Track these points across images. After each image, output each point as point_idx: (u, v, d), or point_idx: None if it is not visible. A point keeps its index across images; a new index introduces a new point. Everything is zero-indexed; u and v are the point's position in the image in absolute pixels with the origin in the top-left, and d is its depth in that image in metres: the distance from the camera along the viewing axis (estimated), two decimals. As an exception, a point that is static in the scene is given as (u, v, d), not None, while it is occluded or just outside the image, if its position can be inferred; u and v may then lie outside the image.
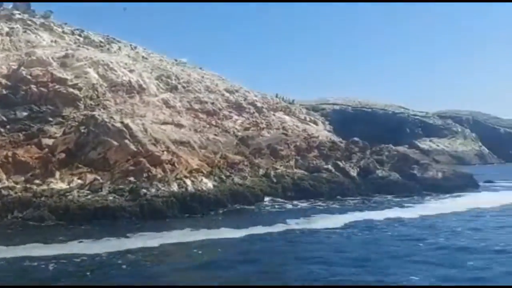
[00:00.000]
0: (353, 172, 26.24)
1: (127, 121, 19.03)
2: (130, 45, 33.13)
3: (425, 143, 77.47)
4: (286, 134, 27.26)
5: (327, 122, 39.92)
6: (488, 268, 10.35)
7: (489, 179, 34.30)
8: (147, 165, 18.04)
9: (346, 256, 11.64)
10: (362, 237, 14.08)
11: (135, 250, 12.04)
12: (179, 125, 23.69)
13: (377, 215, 17.51)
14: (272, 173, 23.51)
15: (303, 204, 21.36)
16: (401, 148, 30.28)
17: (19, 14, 30.33)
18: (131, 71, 24.97)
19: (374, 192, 25.83)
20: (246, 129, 28.53)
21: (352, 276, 9.88)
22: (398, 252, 11.94)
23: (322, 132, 33.78)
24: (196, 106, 26.10)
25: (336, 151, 27.41)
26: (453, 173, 29.79)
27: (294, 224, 15.93)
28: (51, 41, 26.53)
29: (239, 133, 27.43)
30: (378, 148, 29.77)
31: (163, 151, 19.16)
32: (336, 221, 16.43)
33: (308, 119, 36.76)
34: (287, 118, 33.80)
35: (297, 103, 55.54)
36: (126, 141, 18.05)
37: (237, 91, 30.92)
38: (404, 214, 17.80)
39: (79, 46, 27.92)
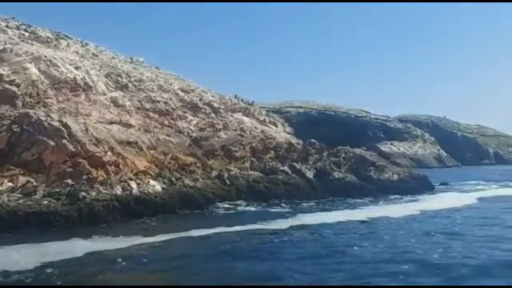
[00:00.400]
0: (310, 174, 25.79)
1: (66, 119, 17.78)
2: (81, 42, 31.60)
3: (386, 146, 78.77)
4: (242, 136, 26.52)
5: (286, 124, 39.45)
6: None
7: (445, 181, 34.79)
8: (87, 166, 16.87)
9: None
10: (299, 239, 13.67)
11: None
12: (128, 125, 22.53)
13: (313, 219, 17.02)
14: (226, 175, 22.72)
15: (256, 208, 20.64)
16: (358, 150, 30.11)
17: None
18: (77, 67, 23.57)
19: (330, 194, 25.43)
20: (202, 129, 27.61)
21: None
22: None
23: (281, 133, 33.24)
24: (147, 106, 24.98)
25: (293, 152, 26.92)
26: (409, 175, 29.86)
27: (236, 226, 15.19)
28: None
29: (194, 134, 26.49)
30: (335, 150, 29.51)
31: (106, 151, 18.01)
32: (282, 224, 15.87)
33: (267, 120, 36.19)
34: (245, 119, 33.07)
35: (260, 105, 55.02)
36: (64, 141, 16.81)
37: (192, 90, 29.96)
38: (350, 217, 17.41)
39: (22, 41, 26.29)
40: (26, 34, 28.31)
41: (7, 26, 28.50)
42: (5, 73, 19.85)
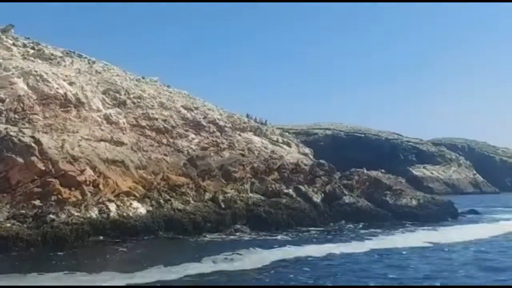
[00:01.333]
0: (317, 198, 23.64)
1: (40, 136, 16.60)
2: (88, 59, 31.02)
3: (418, 170, 74.89)
4: (243, 155, 24.76)
5: (301, 145, 37.43)
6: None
7: (475, 208, 31.58)
8: (57, 186, 15.51)
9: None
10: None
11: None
12: (119, 143, 21.22)
13: (319, 250, 14.76)
14: (221, 197, 20.91)
15: (250, 236, 18.58)
16: (374, 173, 27.70)
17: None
18: (71, 83, 22.70)
19: (339, 220, 23.19)
20: (204, 148, 26.03)
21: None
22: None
23: (293, 154, 31.26)
24: (144, 123, 23.70)
25: (299, 174, 24.88)
26: (431, 201, 27.12)
27: (213, 262, 12.93)
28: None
29: (195, 153, 25.01)
30: (348, 172, 27.26)
31: (82, 170, 16.63)
32: (269, 257, 13.70)
33: (280, 140, 34.39)
34: (255, 138, 31.37)
35: (287, 127, 52.82)
36: (33, 158, 15.56)
37: (196, 108, 28.57)
38: (353, 249, 15.12)
39: (24, 58, 25.81)
40: (31, 51, 27.88)
41: (13, 44, 28.20)
42: (-11, 88, 19.06)
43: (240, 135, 30.44)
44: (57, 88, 21.40)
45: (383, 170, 31.96)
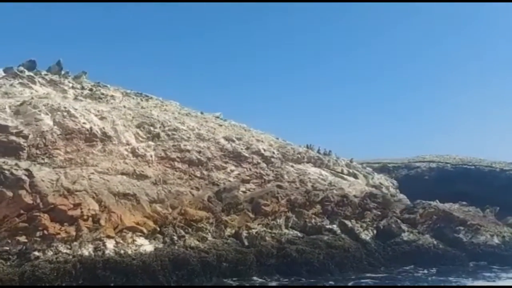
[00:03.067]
0: (366, 235, 19.94)
1: (35, 168, 15.89)
2: (144, 97, 31.18)
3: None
4: (280, 187, 22.08)
5: (377, 176, 33.45)
6: None
7: None
8: (44, 221, 14.39)
9: None
10: None
11: None
12: (142, 176, 20.00)
13: None
14: (244, 233, 18.38)
15: (273, 284, 15.69)
16: (445, 205, 23.05)
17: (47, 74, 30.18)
18: (102, 118, 22.44)
19: (395, 262, 19.19)
20: (245, 181, 23.94)
21: None
22: None
23: (358, 186, 27.69)
24: (174, 155, 22.39)
25: (346, 207, 21.41)
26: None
27: None
28: (42, 93, 25.37)
29: (223, 186, 23.01)
30: (412, 205, 23.01)
31: (76, 204, 15.45)
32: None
33: (346, 171, 31.02)
34: (312, 170, 28.58)
35: (386, 161, 48.18)
36: (22, 191, 14.74)
37: (239, 139, 26.73)
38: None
39: (75, 98, 26.49)
40: (84, 92, 28.67)
41: (72, 87, 29.30)
42: (13, 125, 19.22)
43: (293, 166, 27.90)
44: (84, 123, 21.13)
45: (464, 203, 26.86)
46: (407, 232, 20.25)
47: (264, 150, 27.08)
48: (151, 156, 21.82)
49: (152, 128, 24.08)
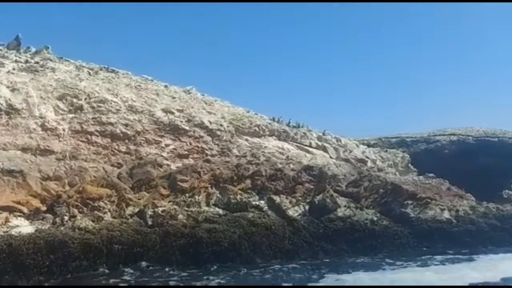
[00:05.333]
0: (296, 211, 17.59)
1: None
2: (107, 68, 28.94)
3: None
4: (208, 161, 19.84)
5: (343, 149, 30.83)
6: None
7: None
8: None
9: None
10: None
11: None
12: (47, 151, 18.07)
13: None
14: (149, 212, 16.25)
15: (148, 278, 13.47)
16: (399, 177, 20.48)
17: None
18: (13, 90, 20.52)
19: (325, 241, 16.84)
20: (182, 156, 21.91)
21: None
22: None
23: (321, 160, 25.23)
24: (92, 128, 20.35)
25: (279, 181, 19.04)
26: (484, 213, 18.93)
27: None
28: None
29: (167, 162, 20.95)
30: (358, 177, 20.50)
31: None
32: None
33: (314, 144, 28.62)
34: (273, 143, 26.33)
35: (404, 135, 45.18)
36: None
37: (181, 110, 24.47)
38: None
39: (8, 72, 24.59)
40: (23, 65, 26.66)
41: (15, 61, 27.34)
42: None
43: (247, 140, 25.63)
44: (-13, 95, 19.23)
45: (431, 174, 24.18)
46: (344, 207, 17.81)
47: (210, 123, 24.80)
48: (64, 130, 19.83)
49: (75, 100, 22.03)
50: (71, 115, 21.11)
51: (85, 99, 22.34)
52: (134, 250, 14.84)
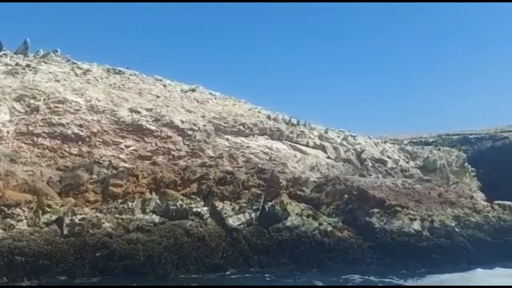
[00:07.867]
0: (237, 220, 15.38)
1: None
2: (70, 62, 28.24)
3: None
4: (155, 163, 18.08)
5: (342, 149, 28.06)
6: None
7: None
8: None
9: None
10: None
11: None
12: (-19, 155, 17.15)
13: None
14: (67, 220, 14.71)
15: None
16: (360, 182, 17.63)
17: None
18: (-35, 91, 19.91)
19: (267, 256, 14.51)
20: (144, 158, 20.37)
21: None
22: None
23: (311, 160, 22.90)
24: (39, 130, 19.24)
25: (228, 185, 16.89)
26: (464, 223, 15.73)
27: None
28: None
29: (125, 165, 19.48)
30: (324, 181, 17.91)
31: None
32: None
33: (312, 144, 26.22)
34: (260, 143, 24.26)
35: (465, 133, 41.69)
36: None
37: (149, 109, 22.92)
38: None
39: None
40: (6, 68, 26.43)
41: (5, 64, 27.16)
42: None
43: (228, 139, 23.69)
44: None
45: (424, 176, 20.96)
46: (296, 215, 15.37)
47: (182, 122, 23.07)
48: (8, 132, 18.84)
49: (32, 101, 21.09)
50: (21, 117, 20.18)
51: (44, 100, 21.34)
52: (40, 262, 13.38)
